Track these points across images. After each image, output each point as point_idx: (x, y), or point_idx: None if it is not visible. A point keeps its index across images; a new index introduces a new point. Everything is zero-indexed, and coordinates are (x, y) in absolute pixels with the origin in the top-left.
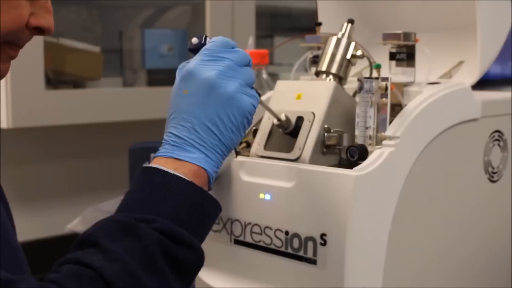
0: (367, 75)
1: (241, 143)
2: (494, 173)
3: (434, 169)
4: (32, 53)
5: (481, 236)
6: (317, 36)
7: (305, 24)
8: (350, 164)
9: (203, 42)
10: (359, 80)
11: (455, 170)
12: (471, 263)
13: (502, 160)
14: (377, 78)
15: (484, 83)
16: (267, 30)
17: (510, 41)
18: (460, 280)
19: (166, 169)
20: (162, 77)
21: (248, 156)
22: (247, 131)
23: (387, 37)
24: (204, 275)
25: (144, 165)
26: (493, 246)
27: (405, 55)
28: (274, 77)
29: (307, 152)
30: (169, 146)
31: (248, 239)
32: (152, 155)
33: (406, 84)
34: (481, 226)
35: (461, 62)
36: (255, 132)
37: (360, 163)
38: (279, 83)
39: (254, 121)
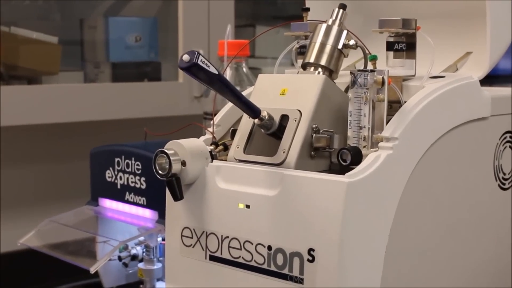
0: (361, 67)
1: (217, 145)
2: (506, 179)
3: (438, 174)
4: None
5: (490, 251)
6: (304, 23)
7: (291, 12)
8: (342, 169)
9: (194, 61)
10: (352, 73)
11: (461, 176)
12: (477, 280)
13: None
14: (372, 71)
15: (493, 78)
16: (247, 18)
17: None
18: None
19: None
20: (129, 72)
21: (225, 160)
22: (224, 132)
23: (383, 24)
24: None
25: (108, 171)
26: (503, 261)
27: (404, 45)
28: (255, 71)
29: (293, 156)
30: None
31: (225, 255)
32: (116, 159)
33: (405, 78)
34: (490, 239)
35: (468, 53)
36: (233, 132)
37: (353, 168)
38: (261, 77)
39: (232, 120)
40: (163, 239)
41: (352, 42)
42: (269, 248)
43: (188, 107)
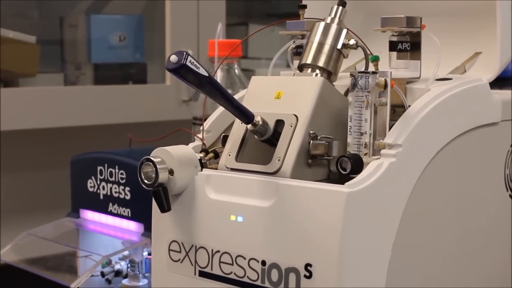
0: (362, 69)
1: (207, 152)
2: None
3: (444, 184)
4: None
5: (500, 265)
6: (300, 21)
7: (286, 9)
8: (341, 179)
9: (183, 62)
10: (352, 75)
11: (469, 186)
12: None
13: None
14: (374, 73)
15: (504, 80)
16: (240, 16)
17: None
18: None
19: None
20: (112, 74)
21: (216, 169)
22: (214, 139)
23: (386, 22)
24: None
25: (90, 180)
26: None
27: (408, 44)
28: (248, 73)
29: (289, 164)
30: None
31: (216, 270)
32: (99, 168)
33: (409, 81)
34: (500, 253)
35: (477, 54)
36: (224, 139)
37: (353, 177)
38: (254, 79)
39: (223, 126)
40: (149, 254)
41: (352, 41)
42: (263, 263)
43: (176, 111)
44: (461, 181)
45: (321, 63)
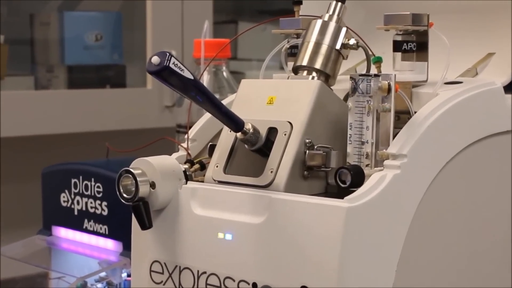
0: (364, 71)
1: (192, 163)
2: None
3: (454, 198)
4: None
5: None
6: (295, 19)
7: (280, 6)
8: (341, 192)
9: (166, 63)
10: (352, 78)
11: (482, 199)
12: None
13: None
14: (376, 76)
15: None
16: (228, 13)
17: None
18: None
19: None
20: (88, 76)
21: (202, 181)
22: (200, 148)
23: (390, 20)
24: None
25: (63, 194)
26: None
27: (414, 44)
28: (238, 76)
29: (282, 176)
30: None
31: None
32: (73, 180)
33: (416, 84)
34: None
35: (490, 55)
36: (211, 149)
37: (354, 191)
38: (245, 83)
39: (210, 134)
40: (129, 275)
41: (352, 41)
42: (254, 285)
43: (158, 118)
44: (472, 194)
45: (318, 65)
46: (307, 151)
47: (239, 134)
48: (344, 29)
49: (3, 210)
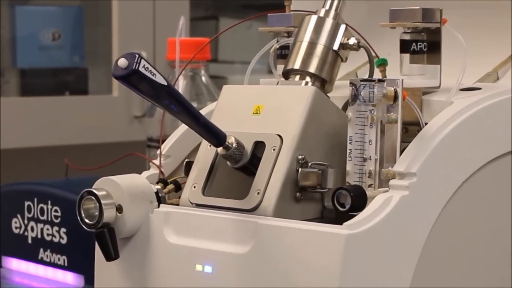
0: (366, 76)
1: (166, 184)
2: None
3: (471, 223)
4: None
5: None
6: (286, 15)
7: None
8: (339, 217)
9: (134, 66)
10: (352, 84)
11: (502, 224)
12: None
13: None
14: (381, 81)
15: None
16: (208, 8)
17: None
18: None
19: None
20: (44, 82)
21: (177, 204)
22: (175, 166)
23: (396, 16)
24: None
25: (15, 219)
26: None
27: (425, 44)
28: (219, 81)
29: (271, 199)
30: None
31: None
32: (26, 203)
33: (427, 91)
34: None
35: None
36: (188, 166)
37: (354, 215)
38: (227, 90)
39: (186, 149)
40: None
41: (352, 41)
42: None
43: (126, 130)
44: (492, 218)
45: (312, 68)
46: (300, 169)
47: (220, 149)
48: (343, 27)
49: None
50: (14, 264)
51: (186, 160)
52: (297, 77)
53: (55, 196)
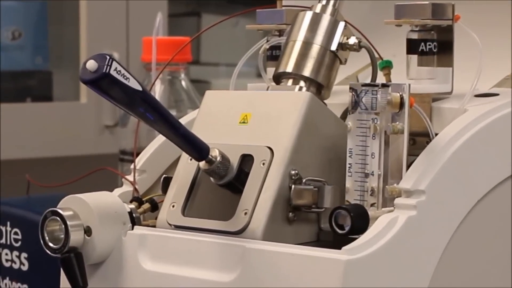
0: (368, 80)
1: (141, 202)
2: None
3: (486, 247)
4: None
5: None
6: (277, 10)
7: None
8: (337, 241)
9: (105, 70)
10: (352, 89)
11: None
12: None
13: None
14: (385, 86)
15: None
16: (188, 3)
17: None
18: None
19: None
20: (3, 87)
21: (154, 226)
22: (151, 182)
23: (403, 12)
24: None
25: None
26: None
27: (435, 44)
28: (201, 86)
29: (260, 219)
30: None
31: None
32: None
33: (437, 97)
34: None
35: None
36: (166, 182)
37: (354, 239)
38: (210, 96)
39: (164, 163)
40: None
41: (352, 40)
42: None
43: (96, 142)
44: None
45: (307, 71)
46: (293, 186)
47: (202, 164)
48: (341, 24)
49: None
50: None
51: (164, 175)
52: (290, 82)
53: (15, 217)
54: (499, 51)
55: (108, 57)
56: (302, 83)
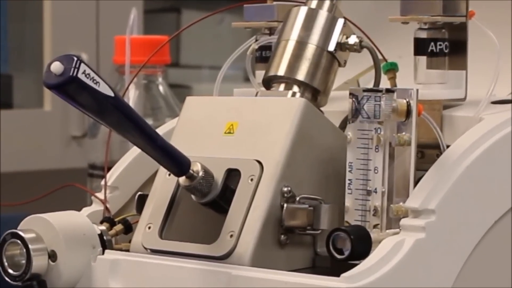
0: (370, 84)
1: (113, 223)
2: None
3: (504, 272)
4: None
5: None
6: (268, 5)
7: None
8: (335, 267)
9: (72, 73)
10: (353, 95)
11: None
12: None
13: None
14: (390, 92)
15: None
16: None
17: None
18: None
19: None
20: None
21: (127, 250)
22: (125, 200)
23: (410, 8)
24: None
25: None
26: None
27: (446, 44)
28: (181, 91)
29: (248, 242)
30: None
31: None
32: None
33: (449, 104)
34: None
35: None
36: (141, 200)
37: (355, 264)
38: (191, 102)
39: (138, 179)
40: None
41: (353, 39)
42: None
43: (62, 155)
44: None
45: (301, 75)
46: (285, 205)
47: (182, 180)
48: (340, 22)
49: None
50: None
51: (139, 193)
52: (282, 87)
53: None
54: None
55: (75, 59)
56: (295, 88)
